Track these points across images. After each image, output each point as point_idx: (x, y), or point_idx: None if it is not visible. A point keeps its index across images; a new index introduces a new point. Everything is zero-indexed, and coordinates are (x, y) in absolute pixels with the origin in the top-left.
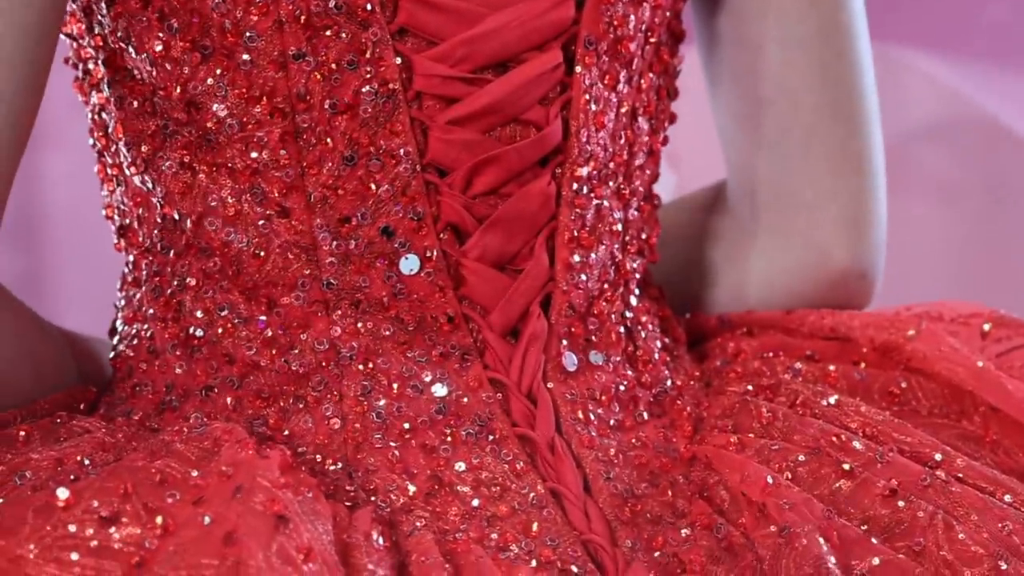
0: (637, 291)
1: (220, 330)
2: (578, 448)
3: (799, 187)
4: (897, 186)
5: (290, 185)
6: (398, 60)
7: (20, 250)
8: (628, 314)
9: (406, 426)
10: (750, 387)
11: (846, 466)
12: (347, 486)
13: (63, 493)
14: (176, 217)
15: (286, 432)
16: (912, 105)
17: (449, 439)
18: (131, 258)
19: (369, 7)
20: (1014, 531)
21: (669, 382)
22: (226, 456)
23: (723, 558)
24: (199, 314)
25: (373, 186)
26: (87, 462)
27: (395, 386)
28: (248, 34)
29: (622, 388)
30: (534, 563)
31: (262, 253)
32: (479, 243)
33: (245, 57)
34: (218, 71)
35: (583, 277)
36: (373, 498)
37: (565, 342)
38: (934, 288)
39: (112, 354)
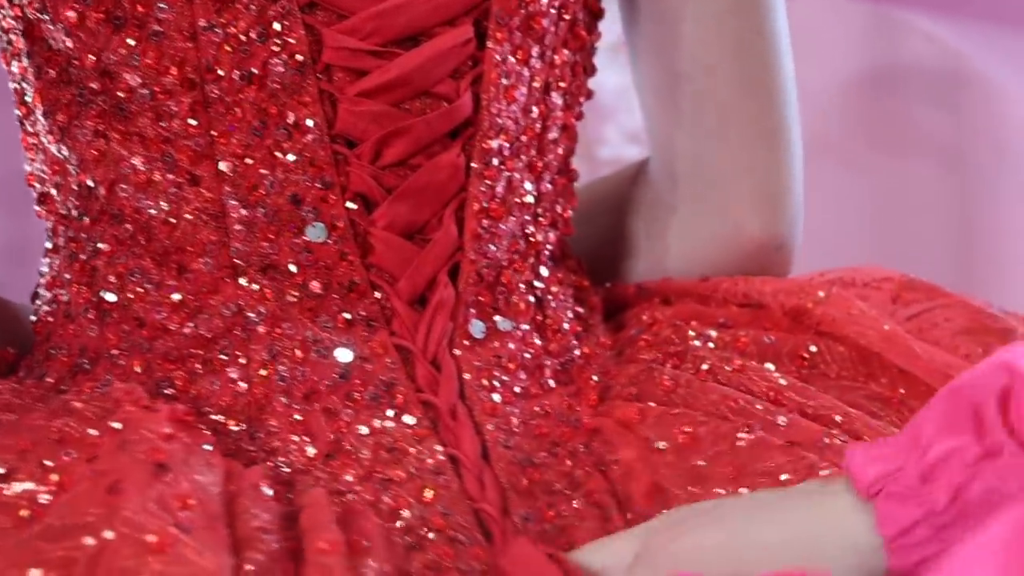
0: (550, 262)
1: (131, 295)
2: (480, 415)
3: (715, 161)
4: (898, 147)
5: (200, 154)
6: (307, 33)
7: (12, 216)
8: (538, 284)
9: (309, 390)
10: (659, 355)
11: (745, 430)
12: (248, 446)
13: None
14: (91, 184)
15: (192, 394)
16: (912, 66)
17: (352, 403)
18: (50, 225)
19: None
20: None
21: (577, 351)
22: (119, 413)
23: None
24: (111, 279)
25: (281, 156)
26: None
27: (300, 351)
28: (160, 5)
29: (528, 356)
30: (430, 534)
31: (173, 220)
32: (387, 213)
33: (156, 28)
34: (130, 41)
35: (491, 247)
36: (272, 458)
37: (472, 310)
38: (936, 248)
39: (34, 318)
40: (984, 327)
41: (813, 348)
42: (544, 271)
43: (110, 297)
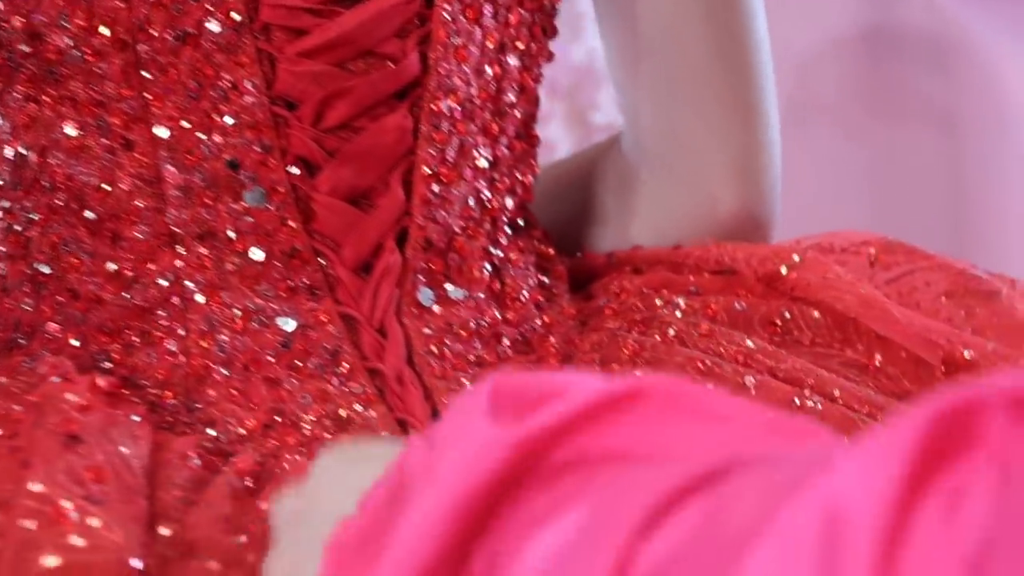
0: (509, 229)
1: (65, 265)
2: (429, 378)
3: (687, 133)
4: (894, 112)
5: (134, 117)
6: None
7: None
8: (495, 252)
9: (250, 360)
10: (624, 323)
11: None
12: (185, 419)
13: None
14: (23, 152)
15: (129, 367)
16: (909, 30)
17: (295, 372)
18: None
19: None
20: None
21: (538, 320)
22: (41, 387)
23: None
24: (45, 250)
25: (218, 119)
26: None
27: (240, 321)
28: None
29: (483, 325)
30: None
31: (107, 187)
32: (330, 177)
33: None
34: (59, 1)
35: (442, 213)
36: (209, 429)
37: (421, 277)
38: (932, 214)
39: None
40: (967, 289)
41: (786, 314)
42: (502, 238)
43: (44, 269)
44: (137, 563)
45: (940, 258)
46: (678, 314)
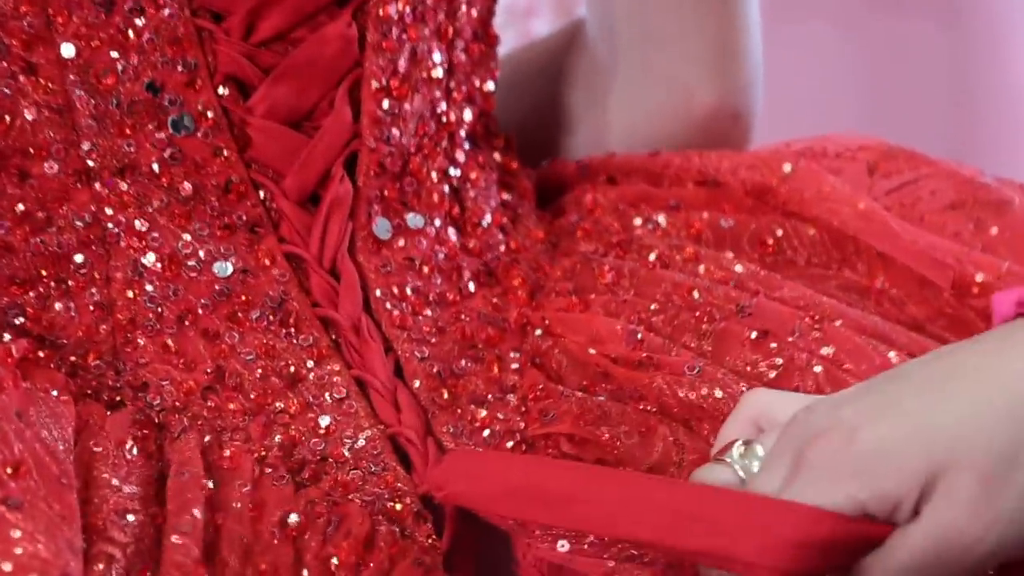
0: (467, 144)
1: None
2: (388, 328)
3: (660, 23)
4: (893, 4)
5: (35, 36)
6: None
7: None
8: (453, 172)
9: (183, 311)
10: (599, 246)
11: (705, 321)
12: (112, 383)
13: None
14: None
15: (45, 323)
16: None
17: (235, 324)
18: None
19: None
20: None
21: (503, 247)
22: None
23: (562, 420)
24: None
25: (134, 35)
26: None
27: (170, 266)
28: None
29: (442, 256)
30: (331, 464)
31: (8, 117)
32: (266, 97)
33: None
34: None
35: (395, 131)
36: (141, 395)
37: (376, 207)
38: (935, 109)
39: None
40: (975, 199)
41: (779, 231)
42: (460, 156)
43: None
44: None
45: (945, 164)
46: (659, 234)
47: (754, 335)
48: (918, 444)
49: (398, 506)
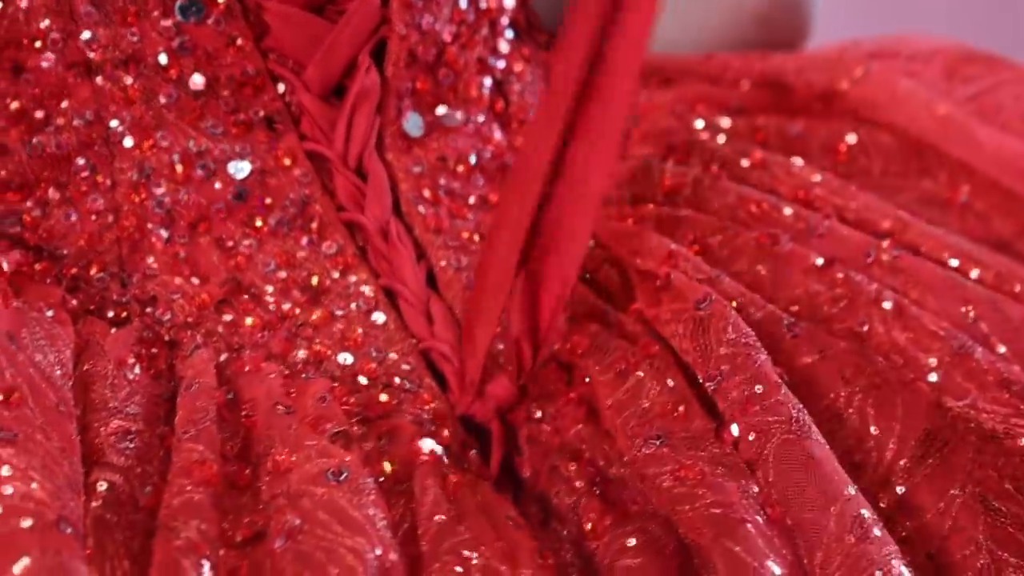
0: (511, 34)
1: None
2: (421, 233)
3: None
4: None
5: None
6: None
7: None
8: (496, 63)
9: (196, 217)
10: (656, 149)
11: (769, 241)
12: (118, 297)
13: None
14: None
15: (43, 233)
16: None
17: (253, 231)
18: None
19: None
20: (980, 316)
21: None
22: None
23: (608, 349)
24: None
25: None
26: None
27: (181, 167)
28: None
29: (487, 155)
30: (361, 380)
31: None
32: None
33: None
34: None
35: (428, 17)
36: (150, 310)
37: (406, 100)
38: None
39: None
40: None
41: (851, 138)
42: (503, 46)
43: None
44: (67, 528)
45: None
46: (721, 138)
47: (820, 261)
48: None
49: (445, 432)
